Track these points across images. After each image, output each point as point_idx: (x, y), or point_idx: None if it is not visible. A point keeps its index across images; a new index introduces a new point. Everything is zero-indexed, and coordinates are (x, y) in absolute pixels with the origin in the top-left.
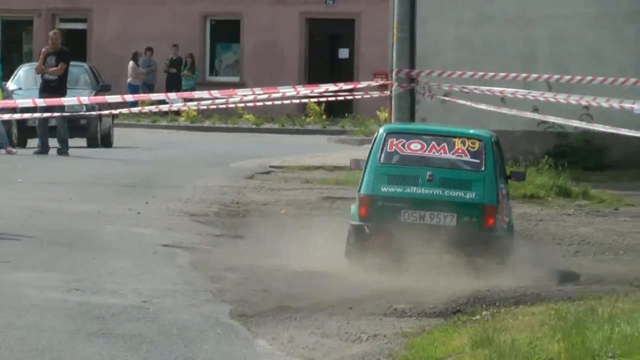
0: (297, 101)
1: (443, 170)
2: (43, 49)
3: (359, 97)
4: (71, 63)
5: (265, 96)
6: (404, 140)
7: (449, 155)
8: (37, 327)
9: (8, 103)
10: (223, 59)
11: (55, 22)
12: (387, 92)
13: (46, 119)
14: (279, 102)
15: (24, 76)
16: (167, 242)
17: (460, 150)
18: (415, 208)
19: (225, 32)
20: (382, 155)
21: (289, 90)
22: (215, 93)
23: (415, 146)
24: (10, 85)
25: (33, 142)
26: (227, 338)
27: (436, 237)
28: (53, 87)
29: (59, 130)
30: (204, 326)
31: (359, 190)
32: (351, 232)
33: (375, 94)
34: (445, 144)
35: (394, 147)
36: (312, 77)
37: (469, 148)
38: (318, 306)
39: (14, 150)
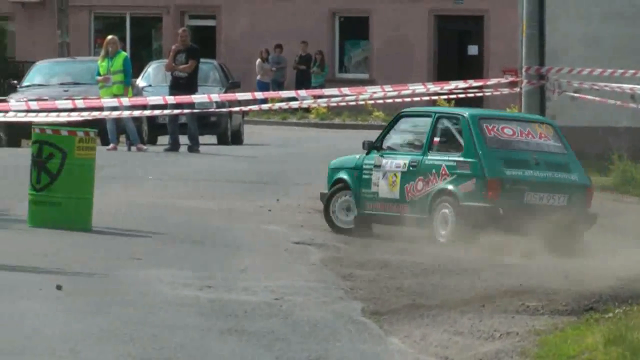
0: (426, 98)
1: (542, 154)
2: (173, 47)
3: (489, 94)
4: (201, 60)
5: (395, 93)
6: (496, 125)
7: (538, 140)
8: (170, 324)
9: (138, 100)
10: (352, 56)
11: (185, 19)
12: (517, 89)
13: (176, 116)
14: (408, 99)
15: (153, 73)
16: (299, 239)
17: (543, 135)
18: (536, 190)
19: (354, 28)
20: (486, 140)
21: (418, 87)
22: (345, 90)
23: (508, 131)
24: (140, 82)
25: (163, 140)
26: (359, 336)
27: (554, 218)
28: (183, 84)
29: (189, 127)
30: (337, 324)
31: (481, 174)
32: (481, 214)
33: (505, 90)
34: (529, 129)
35: (492, 132)
36: (441, 73)
37: (547, 133)
38: (450, 303)
39: (145, 147)
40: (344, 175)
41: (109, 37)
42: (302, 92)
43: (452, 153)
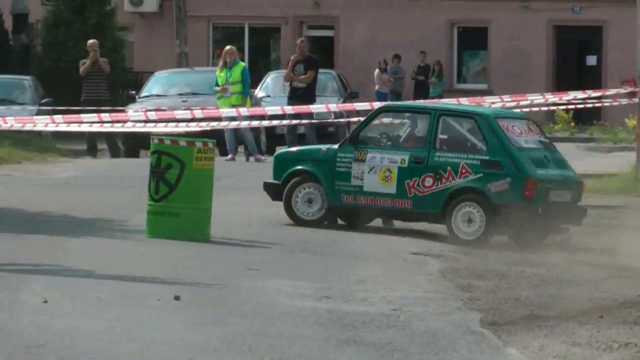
0: (545, 108)
1: (546, 151)
2: (292, 57)
3: (607, 104)
4: (319, 71)
5: (514, 104)
6: (507, 124)
7: (536, 137)
8: (288, 334)
9: (257, 111)
10: (470, 66)
11: (303, 29)
12: (636, 99)
13: (295, 127)
14: (527, 109)
15: (271, 84)
16: (417, 249)
17: (536, 132)
18: (556, 188)
19: (472, 39)
20: (510, 139)
21: (537, 98)
22: (463, 100)
23: (517, 130)
24: (259, 92)
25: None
26: (477, 346)
27: (569, 214)
28: (302, 94)
29: (307, 137)
30: (455, 334)
31: (516, 173)
32: (522, 213)
33: (624, 101)
34: (526, 127)
35: (509, 131)
36: (560, 84)
37: (537, 130)
38: (568, 314)
39: (263, 157)
40: (307, 167)
41: (228, 47)
42: (420, 102)
43: (469, 151)
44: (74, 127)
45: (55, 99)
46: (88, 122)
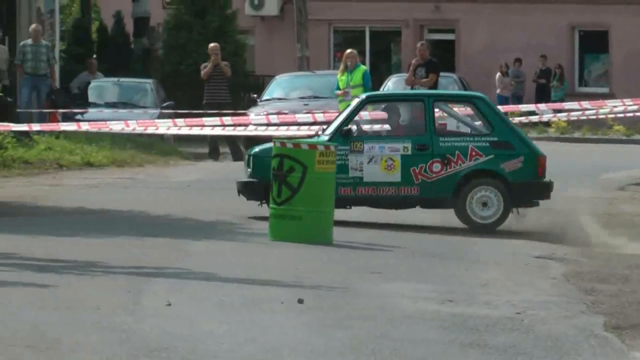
0: None
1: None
2: (413, 61)
3: None
4: (440, 74)
5: (636, 107)
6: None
7: None
8: (411, 338)
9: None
10: (592, 70)
11: (424, 32)
12: None
13: None
14: None
15: (393, 87)
16: (539, 253)
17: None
18: None
19: (594, 42)
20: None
21: None
22: (584, 104)
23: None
24: None
25: None
26: (601, 350)
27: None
28: None
29: None
30: (578, 338)
31: (528, 151)
32: (539, 189)
33: None
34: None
35: None
36: None
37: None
38: None
39: None
40: None
41: (348, 50)
42: (542, 106)
43: (474, 135)
44: (195, 131)
45: (177, 103)
46: (210, 126)
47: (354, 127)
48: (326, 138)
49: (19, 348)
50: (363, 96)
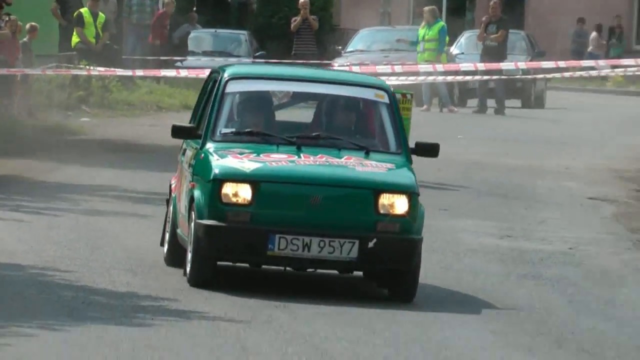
0: None
1: None
2: (483, 18)
3: None
4: (510, 31)
5: None
6: None
7: None
8: (472, 269)
9: (451, 66)
10: None
11: None
12: None
13: (486, 81)
14: None
15: (465, 42)
16: (593, 195)
17: None
18: None
19: None
20: None
21: None
22: (639, 60)
23: None
24: (454, 50)
25: (472, 102)
26: None
27: None
28: (493, 52)
29: (496, 91)
30: (624, 272)
31: None
32: None
33: None
34: None
35: None
36: None
37: None
38: None
39: (455, 109)
40: None
41: (428, 7)
42: (601, 62)
43: None
44: None
45: (268, 53)
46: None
47: None
48: None
49: (115, 270)
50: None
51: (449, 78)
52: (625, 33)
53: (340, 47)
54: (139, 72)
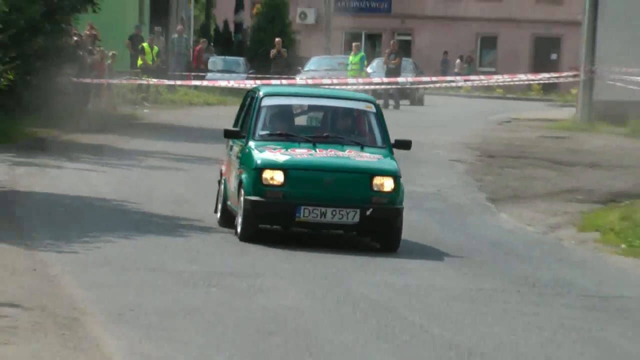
0: None
1: None
2: (387, 50)
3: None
4: (403, 58)
5: (509, 79)
6: None
7: None
8: None
9: (367, 80)
10: (486, 58)
11: (394, 35)
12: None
13: (388, 89)
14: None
15: (376, 65)
16: (452, 158)
17: None
18: None
19: (488, 42)
20: None
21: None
22: (481, 77)
23: None
24: (369, 69)
25: (379, 102)
26: (484, 212)
27: None
28: (393, 72)
29: (394, 95)
30: (472, 205)
31: None
32: None
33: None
34: None
35: None
36: None
37: None
38: (536, 195)
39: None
40: None
41: (354, 43)
42: (458, 78)
43: None
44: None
45: (256, 71)
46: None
47: None
48: None
49: (165, 203)
50: None
51: (368, 87)
52: (474, 61)
53: (300, 68)
54: (178, 82)
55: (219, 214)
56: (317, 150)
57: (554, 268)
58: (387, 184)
